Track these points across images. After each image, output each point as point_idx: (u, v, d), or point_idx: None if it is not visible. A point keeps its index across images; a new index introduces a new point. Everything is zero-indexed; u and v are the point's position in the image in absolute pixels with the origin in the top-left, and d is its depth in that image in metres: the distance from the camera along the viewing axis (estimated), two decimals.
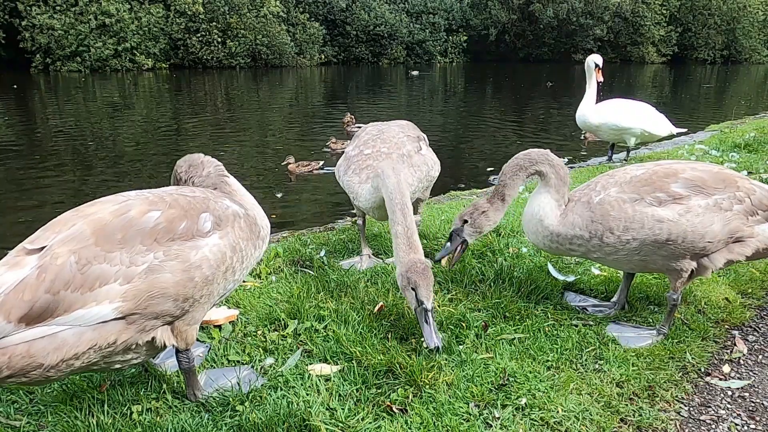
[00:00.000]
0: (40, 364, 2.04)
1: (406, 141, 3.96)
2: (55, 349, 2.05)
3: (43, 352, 2.04)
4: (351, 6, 51.17)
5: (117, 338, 2.16)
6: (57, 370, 2.10)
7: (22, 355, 2.01)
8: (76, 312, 2.06)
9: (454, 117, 20.90)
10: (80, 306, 2.06)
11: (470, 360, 2.89)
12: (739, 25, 61.57)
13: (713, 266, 3.14)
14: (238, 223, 2.52)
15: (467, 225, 3.39)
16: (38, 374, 2.07)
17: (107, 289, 2.10)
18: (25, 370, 2.03)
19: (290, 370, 2.81)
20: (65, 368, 2.11)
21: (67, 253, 2.07)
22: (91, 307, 2.07)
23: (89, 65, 37.48)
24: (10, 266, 2.06)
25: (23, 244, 2.15)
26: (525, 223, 3.39)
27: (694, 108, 23.57)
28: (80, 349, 2.10)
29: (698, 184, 3.05)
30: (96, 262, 2.10)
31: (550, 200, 3.23)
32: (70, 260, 2.06)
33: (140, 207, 2.26)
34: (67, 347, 2.07)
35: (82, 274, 2.07)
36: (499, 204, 3.37)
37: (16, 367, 2.01)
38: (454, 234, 3.43)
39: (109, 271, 2.11)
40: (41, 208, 8.71)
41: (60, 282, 2.03)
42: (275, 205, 8.87)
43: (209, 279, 2.34)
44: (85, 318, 2.07)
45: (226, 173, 2.87)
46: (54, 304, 2.02)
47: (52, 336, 2.05)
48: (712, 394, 2.84)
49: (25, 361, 2.02)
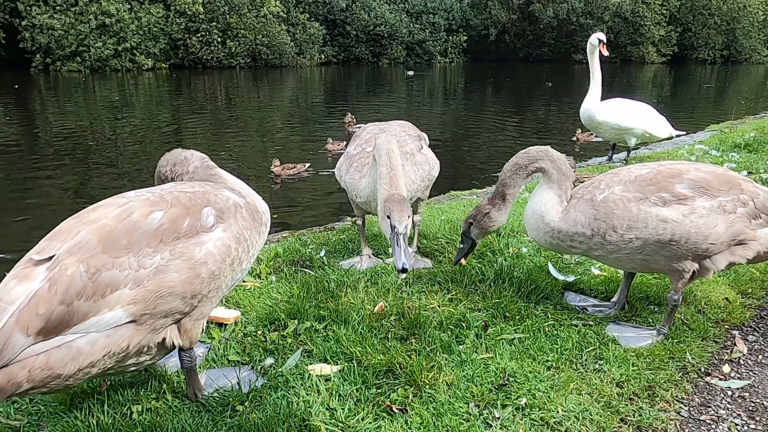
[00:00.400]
0: (58, 374, 2.07)
1: (408, 139, 3.96)
2: (72, 359, 2.08)
3: (61, 363, 2.07)
4: (351, 6, 51.19)
5: (129, 342, 2.19)
6: (75, 379, 2.13)
7: (41, 368, 2.04)
8: (90, 320, 2.08)
9: (453, 117, 20.90)
10: (94, 314, 2.09)
11: (470, 360, 2.89)
12: (739, 25, 61.57)
13: (715, 268, 3.14)
14: (240, 213, 2.53)
15: (473, 227, 3.45)
16: (57, 384, 2.10)
17: (118, 294, 2.12)
18: (44, 381, 2.07)
19: (290, 370, 2.81)
20: (82, 376, 2.15)
21: (75, 263, 2.08)
22: (105, 314, 2.10)
23: (89, 65, 37.51)
24: (20, 279, 2.07)
25: (30, 255, 2.15)
26: (526, 220, 3.39)
27: (694, 108, 23.57)
28: (95, 357, 2.13)
29: (702, 186, 3.05)
30: (105, 270, 2.11)
31: (552, 196, 3.23)
32: (80, 270, 2.07)
33: (142, 209, 2.26)
34: (83, 356, 2.10)
35: (92, 282, 2.08)
36: (500, 204, 3.39)
37: (36, 380, 2.04)
38: (464, 236, 3.52)
39: (118, 277, 2.13)
40: (41, 208, 8.71)
41: (72, 292, 2.05)
42: (276, 207, 8.87)
43: (215, 274, 2.36)
44: (99, 324, 2.10)
45: (213, 165, 2.83)
46: (69, 315, 2.04)
47: (68, 346, 2.07)
48: (712, 394, 2.84)
49: (45, 373, 2.05)
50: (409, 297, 3.61)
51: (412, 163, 3.82)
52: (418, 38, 54.43)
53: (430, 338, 3.08)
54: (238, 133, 16.16)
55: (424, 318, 3.25)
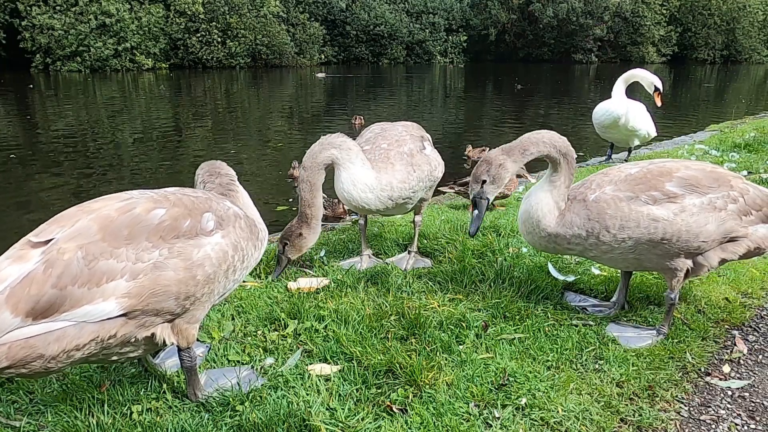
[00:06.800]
0: (40, 354, 2.03)
1: (408, 139, 3.94)
2: (56, 339, 2.05)
3: (44, 343, 2.03)
4: (351, 6, 51.24)
5: (117, 331, 2.17)
6: (57, 362, 2.09)
7: (22, 346, 2.00)
8: (83, 308, 2.06)
9: (453, 117, 20.90)
10: (87, 302, 2.06)
11: (470, 360, 2.89)
12: (739, 25, 61.61)
13: (708, 265, 3.14)
14: (238, 223, 2.55)
15: (487, 184, 3.19)
16: (39, 365, 2.06)
17: (114, 285, 2.10)
18: (24, 360, 2.02)
19: (290, 370, 2.81)
20: (66, 359, 2.11)
21: (74, 248, 2.07)
22: (98, 303, 2.08)
23: (89, 65, 37.55)
24: (14, 259, 2.06)
25: (28, 237, 2.14)
26: (521, 223, 3.32)
27: (694, 108, 23.58)
28: (82, 340, 2.10)
29: (692, 183, 3.04)
30: (103, 258, 2.09)
31: (549, 201, 3.18)
32: (78, 255, 2.06)
33: (145, 204, 2.28)
34: (68, 338, 2.07)
35: (89, 269, 2.07)
36: (518, 157, 3.16)
37: (15, 357, 1.99)
38: (478, 198, 3.22)
39: (115, 267, 2.11)
40: (41, 208, 8.71)
41: (67, 277, 2.03)
42: (277, 205, 8.87)
43: (210, 277, 2.35)
44: (90, 314, 2.08)
45: (237, 183, 2.99)
46: (61, 300, 2.02)
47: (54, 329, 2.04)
48: (712, 394, 2.84)
49: (25, 351, 2.01)
50: (409, 297, 3.61)
51: (409, 163, 3.79)
52: (418, 38, 54.48)
53: (430, 338, 3.08)
54: (238, 132, 16.15)
55: (424, 318, 3.25)
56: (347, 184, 3.47)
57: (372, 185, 3.52)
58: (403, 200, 3.75)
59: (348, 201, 3.55)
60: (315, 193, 3.26)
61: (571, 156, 3.17)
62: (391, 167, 3.68)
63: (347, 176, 3.46)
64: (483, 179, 3.18)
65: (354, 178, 3.47)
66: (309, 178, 3.27)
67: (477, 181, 3.20)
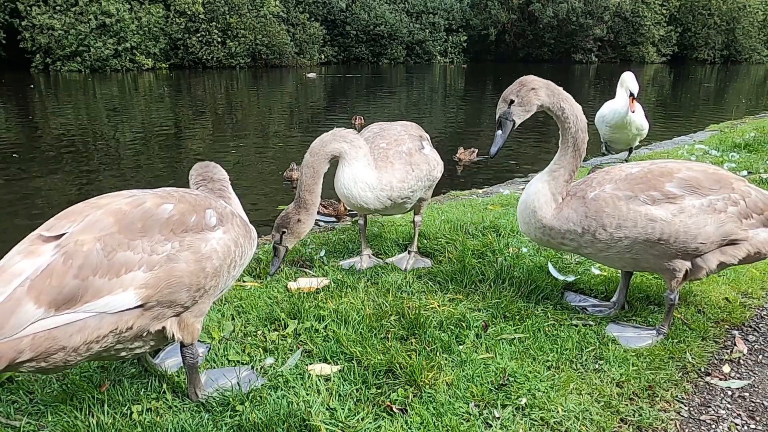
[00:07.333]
0: (62, 346, 2.05)
1: (407, 139, 3.94)
2: (78, 330, 2.07)
3: (66, 334, 2.05)
4: (351, 6, 51.23)
5: (134, 323, 2.20)
6: (78, 354, 2.11)
7: (45, 337, 2.02)
8: (104, 299, 2.09)
9: (453, 117, 20.90)
10: (107, 293, 2.09)
11: (470, 360, 2.89)
12: (738, 25, 61.59)
13: (707, 267, 3.12)
14: (235, 221, 2.63)
15: (514, 105, 3.09)
16: (60, 358, 2.08)
17: (132, 276, 2.14)
18: (47, 352, 2.03)
19: (290, 370, 2.81)
20: (85, 351, 2.13)
21: (92, 239, 2.10)
22: (117, 294, 2.11)
23: (89, 65, 37.51)
24: (26, 254, 2.07)
25: (39, 231, 2.15)
26: (519, 212, 3.34)
27: (694, 108, 23.57)
28: (102, 331, 2.12)
29: (693, 184, 3.03)
30: (121, 250, 2.14)
31: (546, 192, 3.19)
32: (96, 247, 2.09)
33: (154, 199, 2.33)
34: (89, 329, 2.10)
35: (108, 260, 2.10)
36: (554, 90, 3.11)
37: (39, 349, 2.01)
38: (503, 119, 3.14)
39: (133, 259, 2.15)
40: (41, 209, 8.71)
41: (88, 268, 2.06)
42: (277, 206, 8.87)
43: (217, 270, 2.43)
44: (110, 305, 2.11)
45: (229, 188, 3.06)
46: (83, 290, 2.05)
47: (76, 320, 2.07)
48: (712, 394, 2.84)
49: (48, 343, 2.02)
50: (409, 297, 3.61)
51: (407, 163, 3.79)
52: (418, 38, 54.44)
53: (430, 338, 3.08)
54: (238, 132, 16.15)
55: (424, 318, 3.25)
56: (348, 180, 3.48)
57: (372, 184, 3.52)
58: (402, 200, 3.76)
59: (347, 198, 3.55)
60: (317, 180, 3.30)
61: (581, 140, 3.17)
62: (390, 166, 3.69)
63: (350, 172, 3.47)
64: (511, 99, 3.11)
65: (356, 175, 3.48)
66: (314, 164, 3.30)
67: (505, 100, 3.13)
